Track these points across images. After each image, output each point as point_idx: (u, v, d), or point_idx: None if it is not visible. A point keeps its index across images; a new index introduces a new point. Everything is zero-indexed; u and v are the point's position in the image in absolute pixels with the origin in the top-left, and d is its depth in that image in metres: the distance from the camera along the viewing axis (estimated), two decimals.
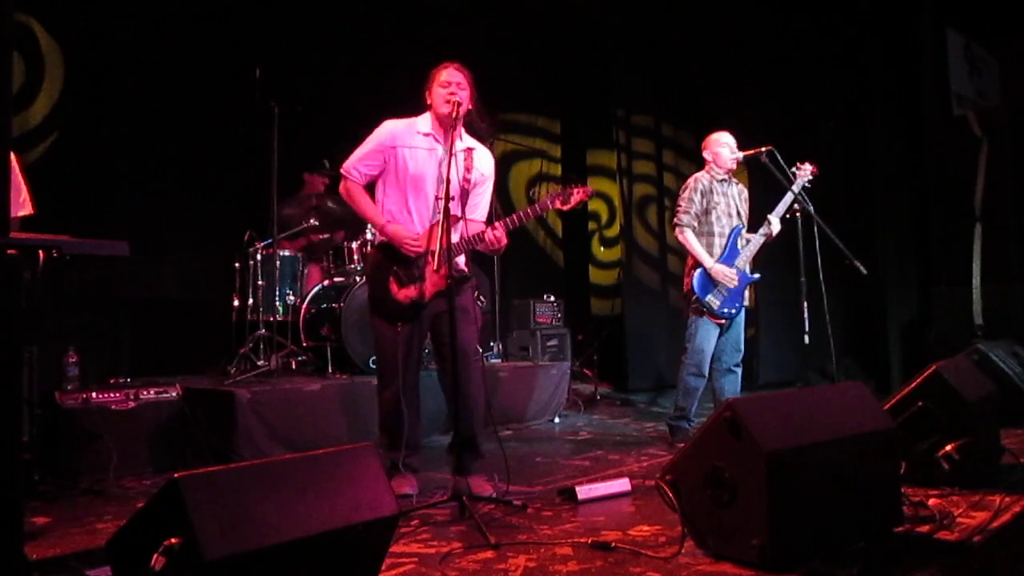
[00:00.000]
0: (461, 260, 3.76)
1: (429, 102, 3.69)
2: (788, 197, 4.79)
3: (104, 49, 5.54)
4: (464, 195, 3.66)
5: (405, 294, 3.62)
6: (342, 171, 3.76)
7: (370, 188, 3.81)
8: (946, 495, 3.21)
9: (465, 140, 3.73)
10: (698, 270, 4.82)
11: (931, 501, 3.04)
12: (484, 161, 3.81)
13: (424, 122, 3.71)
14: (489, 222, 3.80)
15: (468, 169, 3.67)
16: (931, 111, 7.80)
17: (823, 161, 5.02)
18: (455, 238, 3.63)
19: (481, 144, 3.84)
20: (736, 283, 4.80)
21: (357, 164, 3.73)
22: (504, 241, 3.59)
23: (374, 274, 3.73)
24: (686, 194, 4.94)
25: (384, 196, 3.74)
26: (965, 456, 3.27)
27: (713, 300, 4.79)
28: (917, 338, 7.39)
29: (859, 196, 7.68)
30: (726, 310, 4.81)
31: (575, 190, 3.59)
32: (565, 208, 3.61)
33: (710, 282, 4.80)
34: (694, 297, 4.83)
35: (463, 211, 3.65)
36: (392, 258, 3.66)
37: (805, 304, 4.73)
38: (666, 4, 7.46)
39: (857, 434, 2.70)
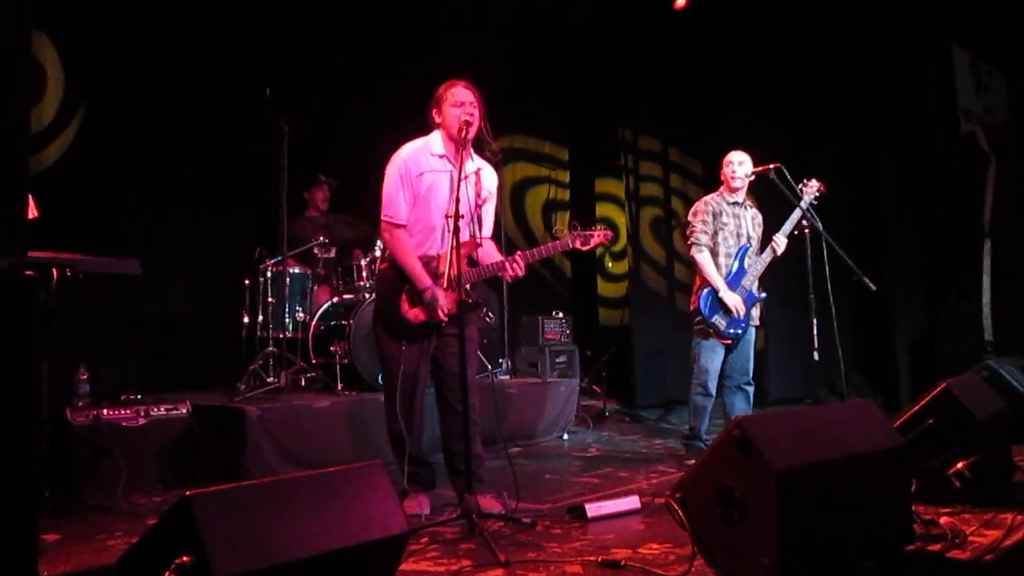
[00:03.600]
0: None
1: (438, 121, 3.66)
2: (795, 215, 4.80)
3: (113, 67, 5.59)
4: (479, 220, 3.67)
5: (415, 314, 3.61)
6: (384, 220, 3.66)
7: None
8: (957, 513, 3.18)
9: (475, 161, 3.73)
10: (706, 290, 4.84)
11: (942, 519, 3.02)
12: (490, 179, 3.81)
13: (436, 143, 3.68)
14: (499, 243, 3.82)
15: (479, 194, 3.68)
16: (938, 127, 7.80)
17: (831, 178, 5.03)
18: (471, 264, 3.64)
19: (487, 163, 3.83)
20: (742, 312, 4.82)
21: (395, 207, 3.64)
22: (523, 272, 3.59)
23: (386, 290, 3.72)
24: (699, 216, 4.95)
25: None
26: (976, 474, 3.25)
27: (719, 321, 4.81)
28: (926, 354, 7.35)
29: (867, 212, 7.66)
30: (732, 331, 4.83)
31: (596, 232, 3.62)
32: (584, 249, 3.64)
33: (718, 303, 4.81)
34: (699, 317, 4.84)
35: (480, 233, 3.67)
36: (405, 277, 3.65)
37: (815, 321, 4.73)
38: (671, 27, 7.49)
39: (867, 452, 2.69)
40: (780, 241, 4.84)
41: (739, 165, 4.93)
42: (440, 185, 3.65)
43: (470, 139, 3.56)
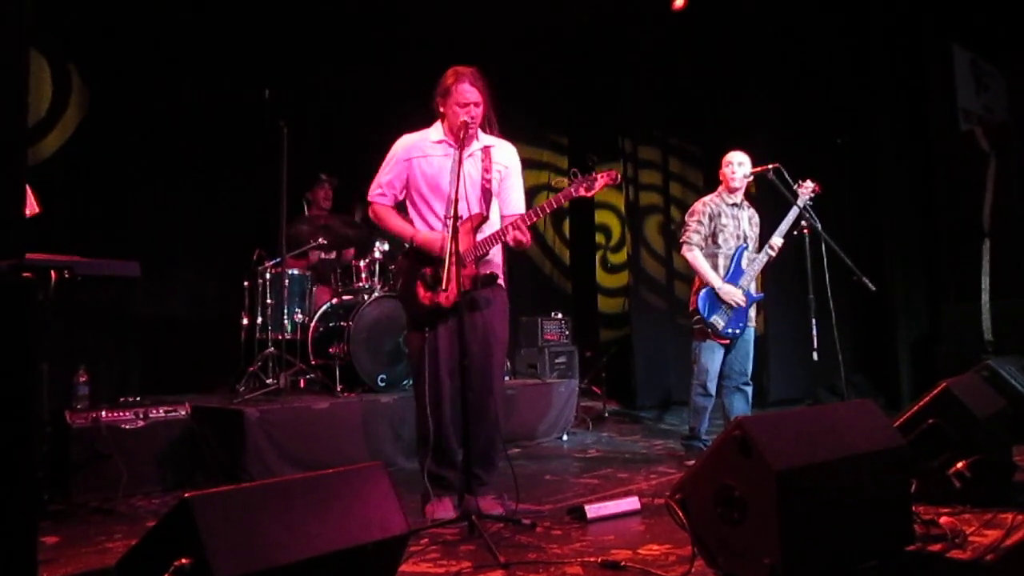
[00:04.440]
0: (497, 259, 3.72)
1: (442, 110, 3.64)
2: (791, 216, 4.82)
3: (115, 69, 5.59)
4: (487, 195, 3.65)
5: (430, 297, 3.55)
6: (368, 198, 3.76)
7: (400, 208, 3.82)
8: (958, 513, 3.18)
9: (482, 139, 3.71)
10: (704, 290, 4.85)
11: (943, 519, 3.02)
12: (505, 154, 3.77)
13: (436, 131, 3.70)
14: None
15: (487, 169, 3.66)
16: (938, 127, 7.79)
17: (830, 178, 5.03)
18: (482, 236, 3.62)
19: (500, 140, 3.79)
20: (743, 303, 4.82)
21: (381, 185, 3.74)
22: (527, 237, 3.53)
23: (404, 280, 3.69)
24: (695, 217, 4.97)
25: (410, 210, 3.75)
26: (977, 474, 3.25)
27: (718, 320, 4.82)
28: (926, 354, 7.35)
29: (867, 212, 7.67)
30: (730, 330, 4.84)
31: (600, 175, 3.50)
32: (589, 195, 3.54)
33: (716, 302, 4.82)
34: (697, 317, 4.86)
35: (487, 210, 3.65)
36: (420, 261, 3.62)
37: (814, 321, 4.73)
38: (673, 20, 7.49)
39: (867, 452, 2.68)
40: (776, 243, 4.86)
41: (739, 166, 4.94)
42: (439, 168, 3.65)
43: (468, 138, 3.56)
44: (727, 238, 4.93)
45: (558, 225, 8.48)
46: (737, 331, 4.86)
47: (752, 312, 4.98)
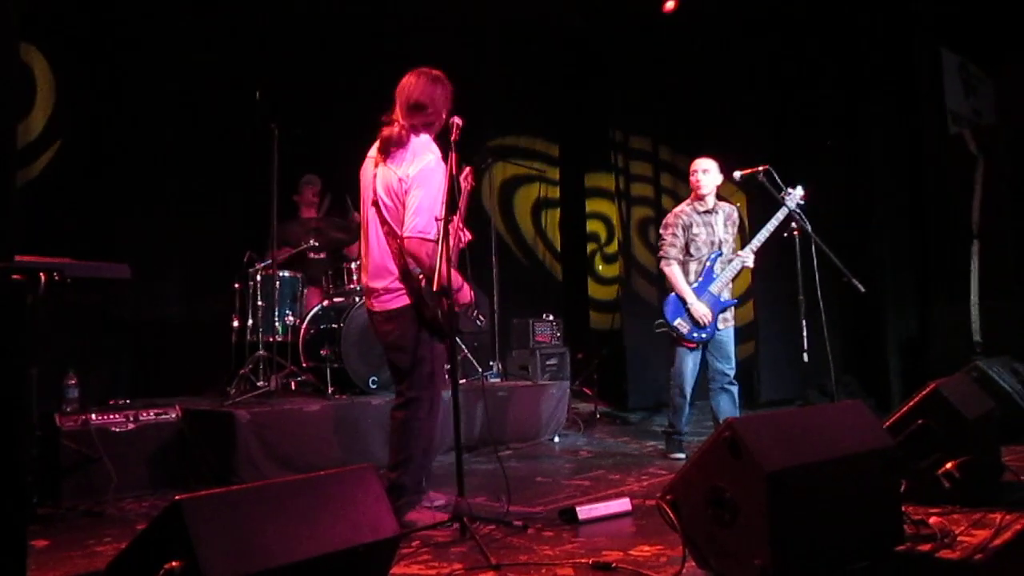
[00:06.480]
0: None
1: (444, 116, 3.57)
2: (770, 225, 4.89)
3: (104, 72, 5.58)
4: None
5: (457, 302, 3.47)
6: (423, 234, 3.39)
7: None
8: (947, 513, 3.20)
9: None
10: (672, 295, 4.99)
11: (932, 519, 3.03)
12: None
13: (434, 145, 3.61)
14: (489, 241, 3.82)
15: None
16: (927, 130, 7.84)
17: (820, 180, 5.05)
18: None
19: None
20: (710, 320, 4.89)
21: (435, 217, 3.42)
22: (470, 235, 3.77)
23: (428, 295, 3.50)
24: (669, 230, 5.09)
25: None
26: (966, 474, 3.27)
27: (682, 324, 4.93)
28: (916, 356, 7.38)
29: (856, 214, 7.70)
30: (695, 335, 4.95)
31: (466, 167, 3.80)
32: (467, 187, 3.77)
33: (681, 308, 4.91)
34: (661, 320, 5.00)
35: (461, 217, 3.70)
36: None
37: (804, 322, 4.76)
38: (663, 27, 7.52)
39: (857, 453, 2.70)
40: (748, 256, 4.92)
41: (703, 173, 5.02)
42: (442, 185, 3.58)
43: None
44: (699, 246, 5.03)
45: (552, 227, 8.49)
46: (703, 335, 4.95)
47: (729, 315, 5.04)
